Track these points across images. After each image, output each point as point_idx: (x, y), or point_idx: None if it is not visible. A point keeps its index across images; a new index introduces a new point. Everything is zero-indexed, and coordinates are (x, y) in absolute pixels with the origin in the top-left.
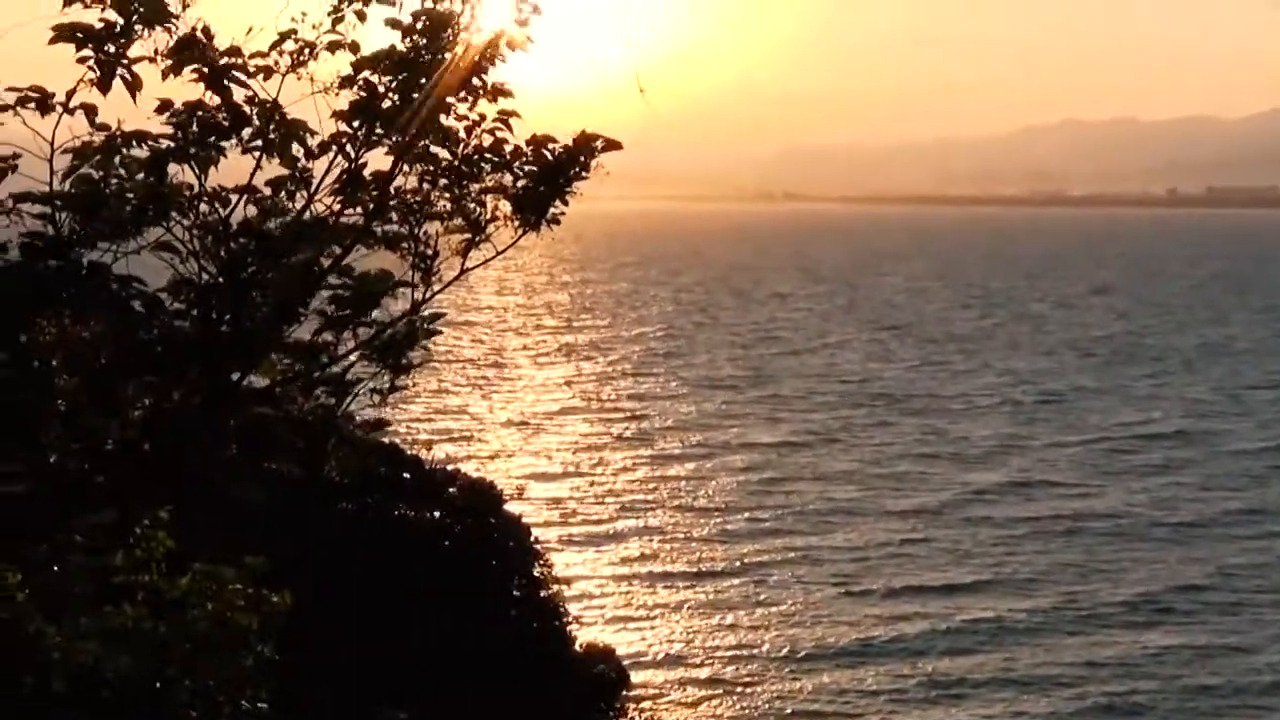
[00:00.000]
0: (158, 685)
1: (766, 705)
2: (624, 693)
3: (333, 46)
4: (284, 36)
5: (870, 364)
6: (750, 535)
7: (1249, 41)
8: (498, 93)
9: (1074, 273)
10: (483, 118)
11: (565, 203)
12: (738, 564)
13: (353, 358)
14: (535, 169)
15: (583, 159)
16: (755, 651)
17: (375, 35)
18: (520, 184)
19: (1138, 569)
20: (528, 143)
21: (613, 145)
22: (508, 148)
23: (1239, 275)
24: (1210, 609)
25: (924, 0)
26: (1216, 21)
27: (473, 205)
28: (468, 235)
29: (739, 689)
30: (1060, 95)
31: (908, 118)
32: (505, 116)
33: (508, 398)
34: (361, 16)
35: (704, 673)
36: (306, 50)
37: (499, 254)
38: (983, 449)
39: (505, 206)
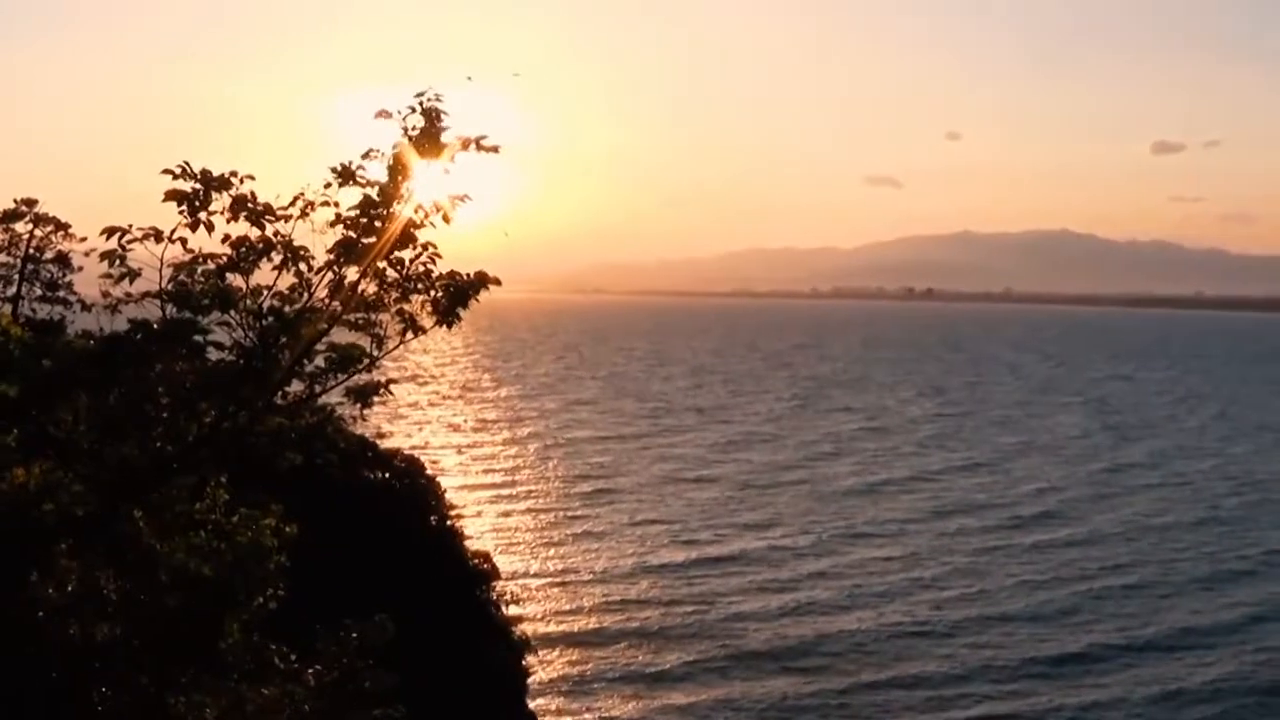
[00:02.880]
0: (220, 579)
1: (588, 593)
2: (494, 580)
3: (324, 203)
4: (296, 198)
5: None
6: (583, 495)
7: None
8: (427, 243)
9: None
10: (420, 252)
11: (466, 308)
12: (572, 508)
13: (337, 394)
14: (451, 288)
15: (477, 286)
16: (580, 563)
17: (352, 194)
18: (440, 297)
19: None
20: (447, 273)
21: (495, 281)
22: (434, 273)
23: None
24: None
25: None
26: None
27: (409, 307)
28: (405, 324)
29: (569, 582)
30: (746, 229)
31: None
32: (433, 256)
33: (429, 415)
34: (343, 184)
35: (548, 573)
36: (309, 206)
37: (422, 333)
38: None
39: (429, 307)
